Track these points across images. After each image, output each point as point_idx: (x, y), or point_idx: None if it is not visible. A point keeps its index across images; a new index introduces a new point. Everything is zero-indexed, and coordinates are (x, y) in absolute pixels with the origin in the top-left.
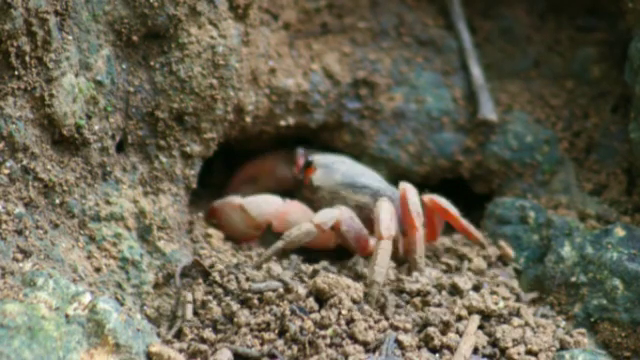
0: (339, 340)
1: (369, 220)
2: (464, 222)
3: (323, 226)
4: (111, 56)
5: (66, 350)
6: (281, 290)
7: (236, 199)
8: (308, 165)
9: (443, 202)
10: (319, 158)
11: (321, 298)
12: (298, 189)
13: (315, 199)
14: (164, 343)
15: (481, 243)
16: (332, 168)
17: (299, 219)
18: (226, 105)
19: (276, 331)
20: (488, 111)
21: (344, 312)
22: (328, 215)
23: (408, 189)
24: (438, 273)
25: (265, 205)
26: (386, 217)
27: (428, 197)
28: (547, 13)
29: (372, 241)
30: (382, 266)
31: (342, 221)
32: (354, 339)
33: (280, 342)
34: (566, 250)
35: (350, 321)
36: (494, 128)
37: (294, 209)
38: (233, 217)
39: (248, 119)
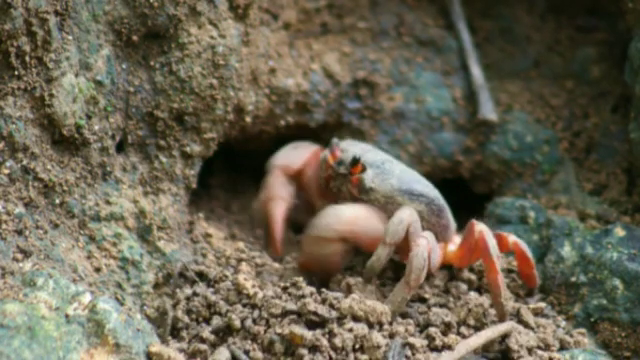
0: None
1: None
2: (535, 271)
3: (398, 241)
4: (111, 56)
5: (66, 350)
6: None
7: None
8: (356, 162)
9: (523, 246)
10: (363, 155)
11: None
12: (334, 182)
13: (365, 200)
14: (164, 343)
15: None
16: (385, 169)
17: (370, 221)
18: (226, 105)
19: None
20: (488, 111)
21: (358, 330)
22: (399, 227)
23: (485, 232)
24: (441, 280)
25: (333, 219)
26: (418, 266)
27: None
28: (547, 13)
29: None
30: (398, 309)
31: (412, 223)
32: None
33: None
34: (566, 250)
35: (362, 337)
36: (494, 128)
37: (364, 214)
38: (317, 251)
39: (248, 119)
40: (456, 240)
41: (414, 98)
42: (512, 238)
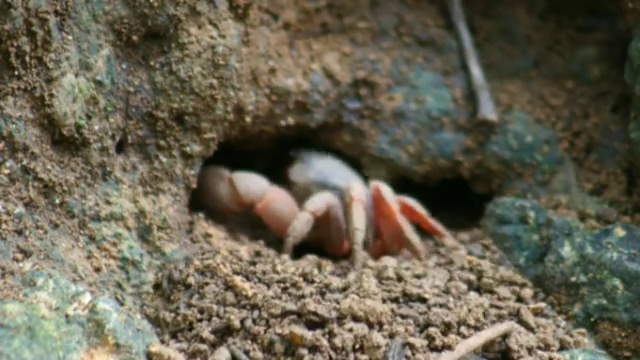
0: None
1: (336, 220)
2: (432, 222)
3: (317, 212)
4: (111, 56)
5: (66, 350)
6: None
7: (226, 172)
8: (290, 159)
9: (411, 202)
10: (303, 154)
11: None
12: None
13: (292, 194)
14: (164, 343)
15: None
16: (309, 164)
17: (282, 207)
18: (226, 105)
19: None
20: (488, 111)
21: (358, 330)
22: (319, 201)
23: (380, 185)
24: (441, 280)
25: (253, 185)
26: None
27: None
28: (547, 13)
29: (346, 243)
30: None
31: (332, 206)
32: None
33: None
34: (566, 250)
35: (362, 337)
36: (494, 128)
37: (279, 196)
38: (219, 188)
39: (248, 119)
40: None
41: (414, 98)
42: (398, 198)
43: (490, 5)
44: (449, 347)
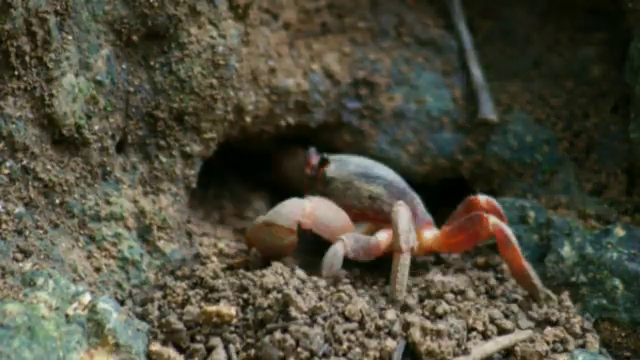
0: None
1: (381, 212)
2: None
3: (335, 273)
4: (111, 56)
5: (66, 350)
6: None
7: (258, 220)
8: (323, 162)
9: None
10: (333, 155)
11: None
12: (309, 187)
13: (328, 191)
14: (163, 343)
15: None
16: (346, 160)
17: (327, 212)
18: (226, 105)
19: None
20: (488, 111)
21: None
22: (334, 259)
23: (501, 224)
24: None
25: (288, 210)
26: (404, 227)
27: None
28: (547, 13)
29: (381, 237)
30: (402, 284)
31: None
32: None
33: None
34: (566, 250)
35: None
36: (494, 128)
37: (319, 205)
38: (265, 237)
39: (248, 119)
40: (433, 230)
41: (414, 98)
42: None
43: (490, 5)
44: (465, 351)
